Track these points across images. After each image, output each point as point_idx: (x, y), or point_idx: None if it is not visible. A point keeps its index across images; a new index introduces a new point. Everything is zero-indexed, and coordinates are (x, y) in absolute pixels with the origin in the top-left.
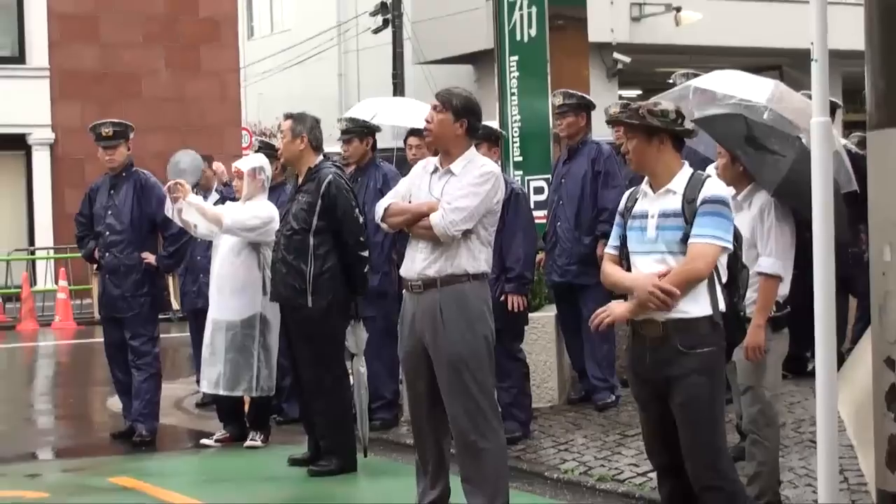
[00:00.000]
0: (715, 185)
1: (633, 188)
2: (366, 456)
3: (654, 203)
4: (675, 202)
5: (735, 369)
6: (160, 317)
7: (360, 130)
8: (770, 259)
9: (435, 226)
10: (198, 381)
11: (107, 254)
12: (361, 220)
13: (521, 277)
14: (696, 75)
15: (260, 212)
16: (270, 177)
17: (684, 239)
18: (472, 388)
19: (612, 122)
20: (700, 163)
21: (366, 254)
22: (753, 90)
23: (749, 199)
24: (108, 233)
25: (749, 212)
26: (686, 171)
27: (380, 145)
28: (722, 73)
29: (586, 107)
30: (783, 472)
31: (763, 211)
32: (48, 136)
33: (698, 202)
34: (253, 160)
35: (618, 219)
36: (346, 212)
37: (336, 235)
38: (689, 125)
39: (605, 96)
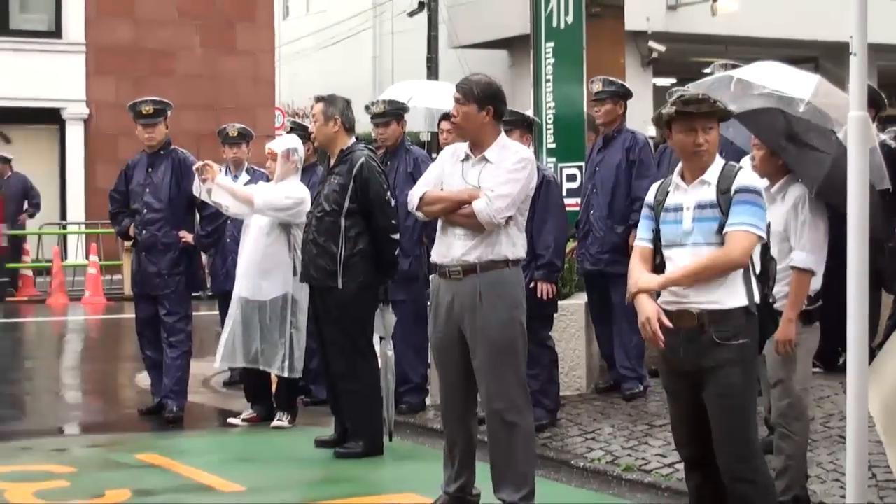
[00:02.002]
0: (748, 176)
1: (661, 180)
2: (391, 440)
3: (689, 195)
4: (710, 193)
5: (765, 362)
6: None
7: (396, 113)
8: (803, 253)
9: (479, 213)
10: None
11: (144, 231)
12: (393, 202)
13: (551, 265)
14: (734, 66)
15: (291, 192)
16: (303, 158)
17: (720, 230)
18: (508, 374)
19: (715, 115)
20: (735, 154)
21: (397, 237)
22: (796, 84)
23: (783, 191)
24: (145, 210)
25: (783, 205)
26: (719, 161)
27: (410, 129)
28: (764, 64)
29: (624, 95)
30: (811, 466)
31: (797, 204)
32: (82, 111)
33: (733, 191)
34: (286, 141)
35: (647, 211)
36: (378, 194)
37: (367, 218)
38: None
39: (640, 85)
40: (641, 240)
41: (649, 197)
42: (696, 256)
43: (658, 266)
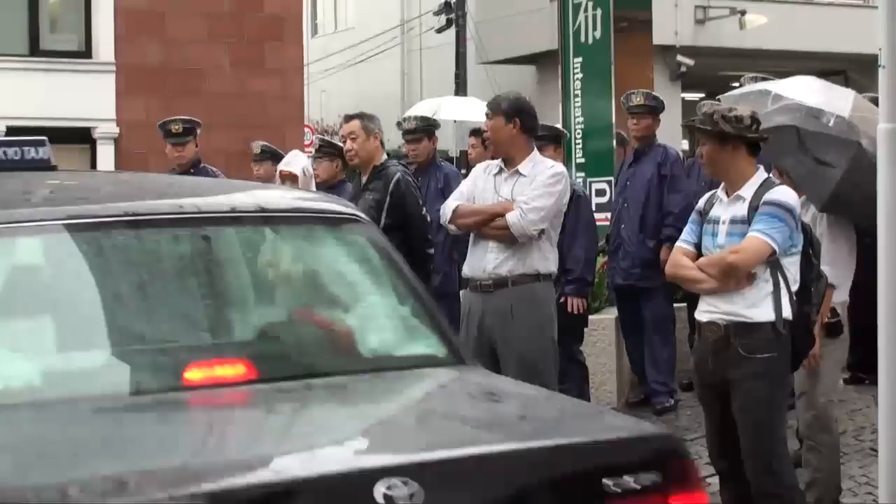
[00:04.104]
0: (780, 192)
1: (712, 191)
2: None
3: (727, 209)
4: (743, 209)
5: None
6: None
7: (427, 129)
8: (823, 267)
9: (513, 225)
10: None
11: None
12: (428, 218)
13: (582, 279)
14: (765, 79)
15: None
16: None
17: None
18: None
19: (687, 126)
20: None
21: (431, 252)
22: (832, 100)
23: (805, 207)
24: None
25: (805, 217)
26: (758, 177)
27: (439, 145)
28: (800, 78)
29: (661, 111)
30: (843, 479)
31: (815, 218)
32: (113, 130)
33: (759, 205)
34: (298, 160)
35: (695, 216)
36: (414, 209)
37: (403, 233)
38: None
39: (668, 99)
40: (684, 241)
41: (700, 204)
42: None
43: None
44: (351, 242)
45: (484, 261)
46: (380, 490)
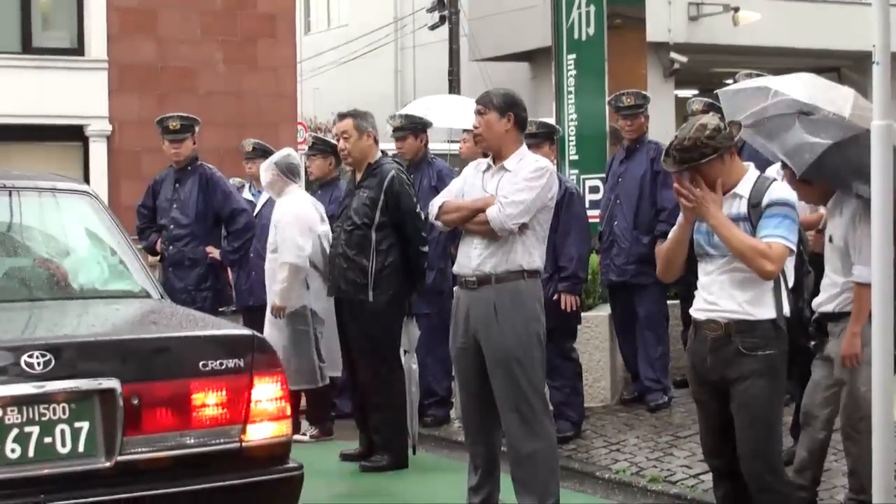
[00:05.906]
0: (780, 189)
1: None
2: (415, 453)
3: (722, 207)
4: (741, 206)
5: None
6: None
7: (414, 127)
8: (864, 268)
9: (492, 220)
10: None
11: (171, 247)
12: (423, 215)
13: (575, 277)
14: (759, 76)
15: (287, 230)
16: (297, 168)
17: None
18: (524, 387)
19: (688, 167)
20: (763, 164)
21: (426, 249)
22: (833, 98)
23: (839, 205)
24: (172, 226)
25: (841, 218)
26: (752, 174)
27: (432, 146)
28: (800, 76)
29: (646, 104)
30: (835, 475)
31: (854, 217)
32: (105, 127)
33: (763, 205)
34: (271, 158)
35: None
36: (409, 207)
37: (398, 231)
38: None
39: (662, 96)
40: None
41: None
42: (727, 267)
43: (689, 271)
44: (80, 209)
45: (470, 258)
46: (23, 359)
